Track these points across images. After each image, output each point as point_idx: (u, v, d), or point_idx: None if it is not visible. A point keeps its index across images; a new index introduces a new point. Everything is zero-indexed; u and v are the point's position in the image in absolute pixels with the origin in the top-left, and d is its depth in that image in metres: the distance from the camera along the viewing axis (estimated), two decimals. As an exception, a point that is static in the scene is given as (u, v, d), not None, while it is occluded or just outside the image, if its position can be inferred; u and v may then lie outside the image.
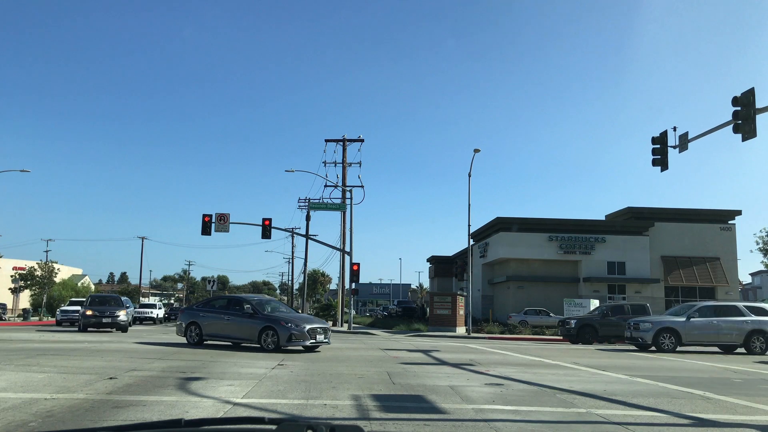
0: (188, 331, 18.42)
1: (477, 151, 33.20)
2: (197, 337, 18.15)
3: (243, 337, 17.37)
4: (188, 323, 18.50)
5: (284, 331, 16.53)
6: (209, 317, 18.18)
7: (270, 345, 16.62)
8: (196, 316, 18.55)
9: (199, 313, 18.65)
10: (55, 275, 53.37)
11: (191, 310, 19.68)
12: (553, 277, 48.78)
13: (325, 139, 43.08)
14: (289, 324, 16.72)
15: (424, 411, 7.56)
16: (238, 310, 17.88)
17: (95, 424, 6.27)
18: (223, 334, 17.84)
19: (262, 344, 16.71)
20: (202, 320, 18.20)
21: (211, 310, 18.58)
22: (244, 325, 17.26)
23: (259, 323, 16.93)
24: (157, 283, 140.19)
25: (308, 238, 50.06)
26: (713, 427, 7.14)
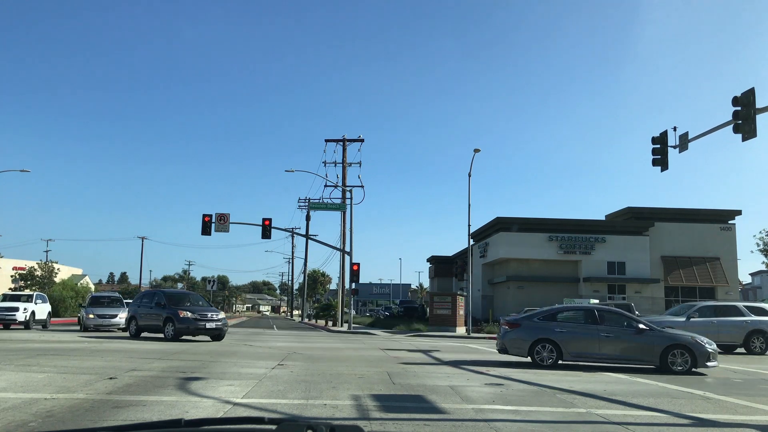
0: None
1: (477, 151, 33.19)
2: None
3: None
4: None
5: None
6: None
7: None
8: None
9: None
10: (55, 275, 53.32)
11: None
12: (553, 277, 48.77)
13: (325, 139, 43.10)
14: None
15: (424, 411, 7.56)
16: None
17: (95, 424, 6.27)
18: None
19: None
20: None
21: None
22: None
23: None
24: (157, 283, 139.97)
25: (308, 238, 50.07)
26: (713, 427, 7.14)
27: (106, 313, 27.05)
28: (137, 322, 22.14)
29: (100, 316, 26.85)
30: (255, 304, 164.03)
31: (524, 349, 14.00)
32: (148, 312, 21.75)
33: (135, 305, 23.03)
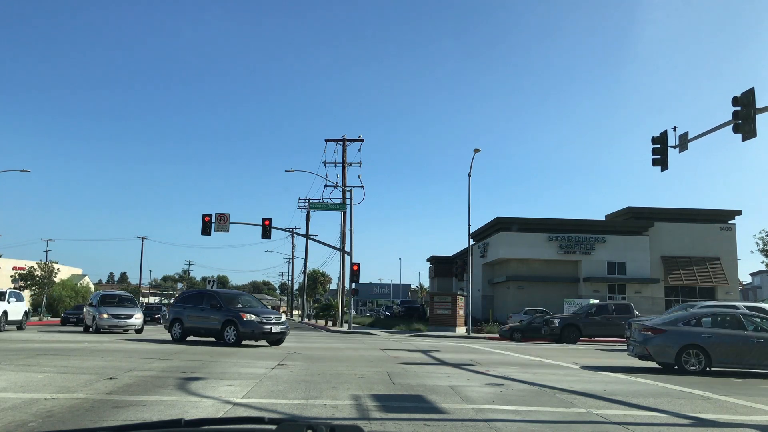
0: None
1: (477, 151, 33.20)
2: None
3: None
4: None
5: None
6: None
7: None
8: None
9: None
10: (54, 275, 53.36)
11: None
12: (553, 277, 48.78)
13: (325, 139, 43.10)
14: None
15: (424, 411, 7.56)
16: None
17: (95, 424, 6.27)
18: None
19: None
20: None
21: None
22: None
23: None
24: (157, 283, 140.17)
25: (308, 238, 50.08)
26: (713, 427, 7.14)
27: (121, 313, 25.27)
28: (183, 324, 20.37)
29: (114, 316, 25.01)
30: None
31: (671, 355, 13.60)
32: (199, 314, 20.06)
33: (179, 306, 21.29)
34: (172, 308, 22.06)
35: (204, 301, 20.37)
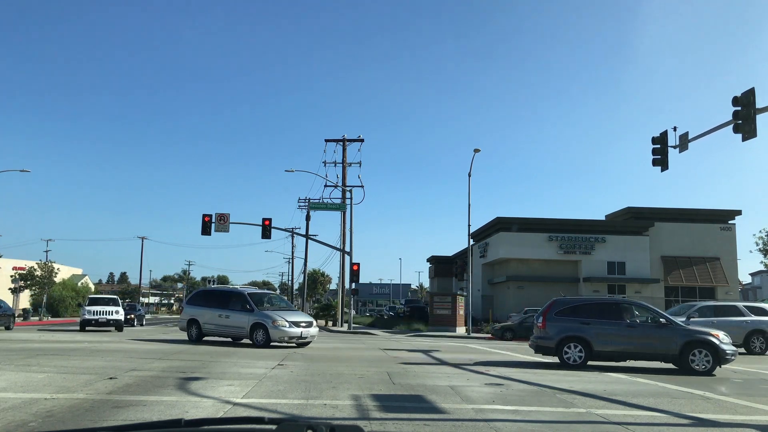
0: None
1: (477, 151, 33.23)
2: None
3: None
4: None
5: None
6: None
7: None
8: None
9: None
10: (54, 275, 53.34)
11: None
12: (553, 277, 48.76)
13: (325, 139, 43.10)
14: None
15: (424, 411, 7.56)
16: None
17: (95, 424, 6.27)
18: None
19: None
20: None
21: None
22: None
23: None
24: (157, 283, 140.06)
25: (308, 238, 50.07)
26: (713, 427, 7.14)
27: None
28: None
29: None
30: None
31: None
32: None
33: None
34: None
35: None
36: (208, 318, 18.77)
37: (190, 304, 20.43)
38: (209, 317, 19.00)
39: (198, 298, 20.64)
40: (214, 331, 19.14)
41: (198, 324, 18.99)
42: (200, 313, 19.07)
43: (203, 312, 18.98)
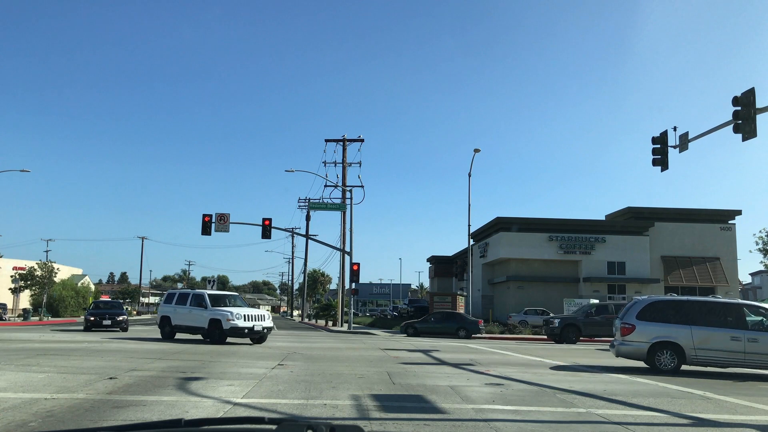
0: None
1: (477, 151, 33.25)
2: None
3: None
4: None
5: None
6: None
7: None
8: None
9: None
10: (54, 275, 53.31)
11: None
12: (553, 277, 48.76)
13: (325, 139, 43.10)
14: None
15: (424, 411, 7.56)
16: None
17: (95, 424, 6.27)
18: None
19: None
20: None
21: None
22: None
23: None
24: (157, 283, 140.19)
25: (308, 238, 50.09)
26: (713, 427, 7.14)
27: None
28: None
29: None
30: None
31: None
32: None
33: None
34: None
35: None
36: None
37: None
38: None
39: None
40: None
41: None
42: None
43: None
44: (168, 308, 21.71)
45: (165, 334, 21.46)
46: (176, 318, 21.04)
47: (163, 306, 22.32)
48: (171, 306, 21.60)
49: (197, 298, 20.83)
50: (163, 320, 21.72)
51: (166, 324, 21.51)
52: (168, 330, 21.36)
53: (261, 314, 20.70)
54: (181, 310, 20.94)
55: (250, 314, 19.79)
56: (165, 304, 22.26)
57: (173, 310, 21.29)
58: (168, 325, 21.34)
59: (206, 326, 19.70)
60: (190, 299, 20.89)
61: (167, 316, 21.49)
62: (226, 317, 19.19)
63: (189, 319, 20.56)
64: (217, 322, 19.34)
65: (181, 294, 22.20)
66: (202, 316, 19.91)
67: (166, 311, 21.75)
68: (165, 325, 21.52)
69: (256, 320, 20.07)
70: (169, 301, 22.13)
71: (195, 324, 20.29)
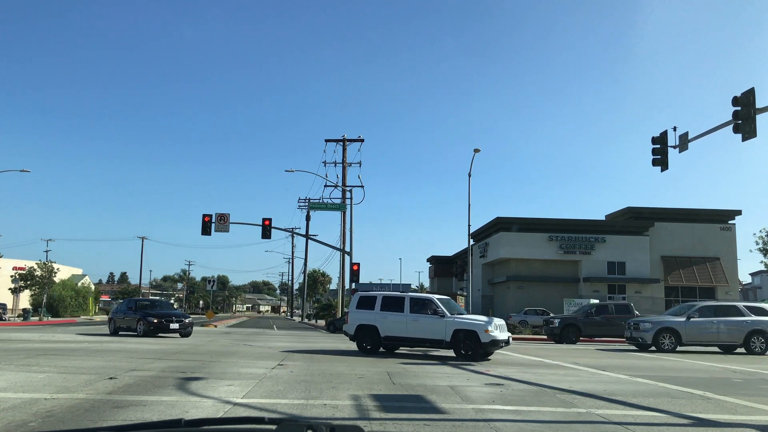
0: None
1: (477, 151, 33.23)
2: None
3: None
4: None
5: None
6: None
7: None
8: None
9: None
10: (54, 275, 53.27)
11: None
12: (553, 277, 48.77)
13: (325, 139, 43.09)
14: None
15: (424, 411, 7.56)
16: None
17: (95, 424, 6.27)
18: None
19: None
20: None
21: None
22: None
23: None
24: (157, 283, 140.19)
25: (308, 238, 50.08)
26: (713, 427, 7.14)
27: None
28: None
29: None
30: (255, 304, 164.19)
31: None
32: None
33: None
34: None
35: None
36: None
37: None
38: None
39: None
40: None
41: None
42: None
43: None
44: (366, 314, 17.18)
45: (365, 348, 17.05)
46: (387, 327, 16.84)
47: (358, 312, 17.48)
48: (371, 312, 17.17)
49: (422, 303, 17.05)
50: (363, 331, 17.12)
51: (367, 335, 17.06)
52: (370, 343, 17.02)
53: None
54: (395, 317, 16.77)
55: (500, 324, 16.63)
56: (362, 310, 17.50)
57: (380, 317, 16.94)
58: (371, 337, 17.01)
59: (447, 338, 16.01)
60: (411, 304, 16.90)
61: (370, 325, 16.96)
62: (484, 328, 15.63)
63: (413, 328, 16.57)
64: (471, 334, 15.70)
65: (387, 298, 17.57)
66: (439, 326, 16.16)
67: (365, 318, 17.16)
68: (365, 337, 17.09)
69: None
70: (368, 305, 17.51)
71: (425, 336, 16.43)
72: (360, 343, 17.15)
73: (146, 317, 23.43)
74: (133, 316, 24.04)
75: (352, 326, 17.29)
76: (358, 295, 18.15)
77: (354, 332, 17.23)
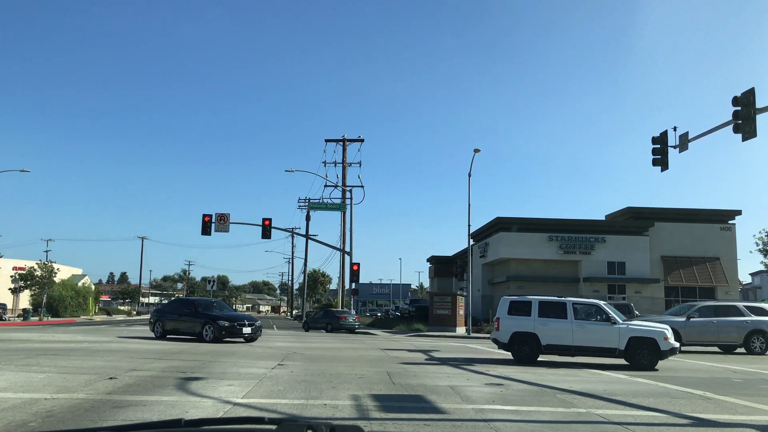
0: None
1: (477, 151, 33.23)
2: None
3: None
4: None
5: None
6: None
7: None
8: None
9: None
10: (54, 275, 53.27)
11: None
12: (553, 277, 48.75)
13: (325, 139, 43.13)
14: None
15: (424, 411, 7.56)
16: None
17: (95, 424, 6.27)
18: None
19: None
20: None
21: None
22: None
23: None
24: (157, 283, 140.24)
25: (308, 238, 50.09)
26: (713, 427, 7.14)
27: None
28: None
29: None
30: (255, 304, 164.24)
31: None
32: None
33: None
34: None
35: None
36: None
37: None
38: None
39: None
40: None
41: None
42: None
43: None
44: (522, 321, 15.63)
45: (524, 358, 15.46)
46: (548, 335, 15.41)
47: (511, 318, 15.84)
48: (527, 318, 15.60)
49: (588, 308, 15.71)
50: (520, 338, 15.61)
51: (524, 343, 15.56)
52: (528, 352, 15.54)
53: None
54: (557, 324, 15.38)
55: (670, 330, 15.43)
56: (515, 316, 15.85)
57: (540, 324, 15.48)
58: (529, 345, 15.53)
59: (621, 347, 14.77)
60: (575, 309, 15.48)
61: (528, 332, 15.51)
62: (663, 335, 14.58)
63: (579, 336, 15.13)
64: (648, 342, 14.57)
65: (545, 303, 15.94)
66: (610, 333, 14.85)
67: (521, 325, 15.59)
68: (523, 345, 15.57)
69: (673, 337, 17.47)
70: (521, 311, 15.87)
71: (594, 344, 15.19)
72: (517, 351, 15.56)
73: (216, 320, 20.47)
74: (194, 320, 20.96)
75: (506, 333, 15.60)
76: (508, 300, 16.40)
77: (508, 340, 15.60)
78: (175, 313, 22.19)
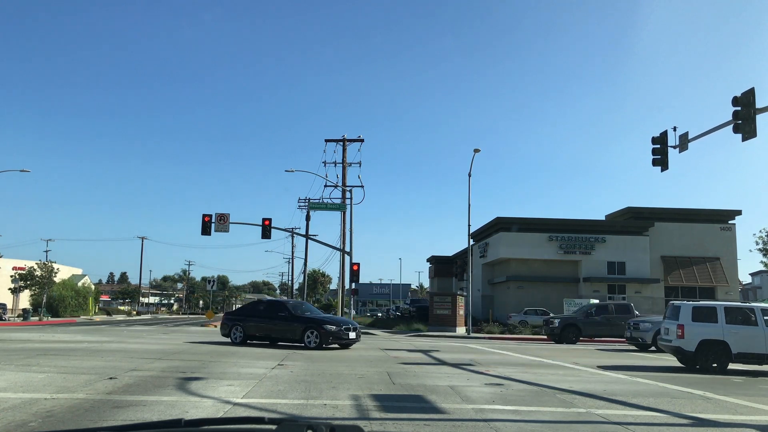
0: None
1: (477, 151, 33.22)
2: None
3: None
4: None
5: None
6: None
7: None
8: None
9: None
10: (54, 275, 53.27)
11: None
12: (553, 277, 48.76)
13: (325, 139, 43.08)
14: None
15: (424, 411, 7.56)
16: None
17: (95, 424, 6.27)
18: None
19: None
20: None
21: None
22: None
23: None
24: (157, 283, 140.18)
25: (308, 238, 50.05)
26: (713, 427, 7.14)
27: None
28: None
29: None
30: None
31: None
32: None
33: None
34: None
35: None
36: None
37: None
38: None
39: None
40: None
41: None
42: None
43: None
44: (709, 328, 14.48)
45: (711, 367, 14.26)
46: (739, 343, 14.25)
47: (697, 326, 14.58)
48: (714, 325, 14.49)
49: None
50: (708, 347, 14.33)
51: (712, 351, 14.31)
52: (716, 360, 14.33)
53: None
54: (748, 331, 14.33)
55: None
56: (700, 323, 14.63)
57: (730, 331, 14.36)
58: (717, 353, 14.32)
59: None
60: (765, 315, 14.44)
61: (718, 340, 14.30)
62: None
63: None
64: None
65: (731, 309, 14.95)
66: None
67: (708, 332, 14.39)
68: (711, 354, 14.31)
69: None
70: (706, 318, 14.67)
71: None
72: (704, 361, 14.34)
73: (322, 325, 18.77)
74: (290, 324, 19.12)
75: (692, 342, 14.42)
76: (691, 306, 15.23)
77: (695, 348, 14.41)
78: (261, 316, 19.94)
